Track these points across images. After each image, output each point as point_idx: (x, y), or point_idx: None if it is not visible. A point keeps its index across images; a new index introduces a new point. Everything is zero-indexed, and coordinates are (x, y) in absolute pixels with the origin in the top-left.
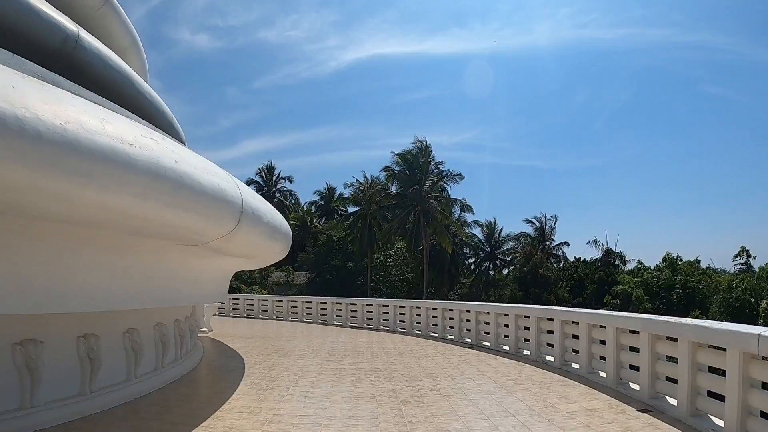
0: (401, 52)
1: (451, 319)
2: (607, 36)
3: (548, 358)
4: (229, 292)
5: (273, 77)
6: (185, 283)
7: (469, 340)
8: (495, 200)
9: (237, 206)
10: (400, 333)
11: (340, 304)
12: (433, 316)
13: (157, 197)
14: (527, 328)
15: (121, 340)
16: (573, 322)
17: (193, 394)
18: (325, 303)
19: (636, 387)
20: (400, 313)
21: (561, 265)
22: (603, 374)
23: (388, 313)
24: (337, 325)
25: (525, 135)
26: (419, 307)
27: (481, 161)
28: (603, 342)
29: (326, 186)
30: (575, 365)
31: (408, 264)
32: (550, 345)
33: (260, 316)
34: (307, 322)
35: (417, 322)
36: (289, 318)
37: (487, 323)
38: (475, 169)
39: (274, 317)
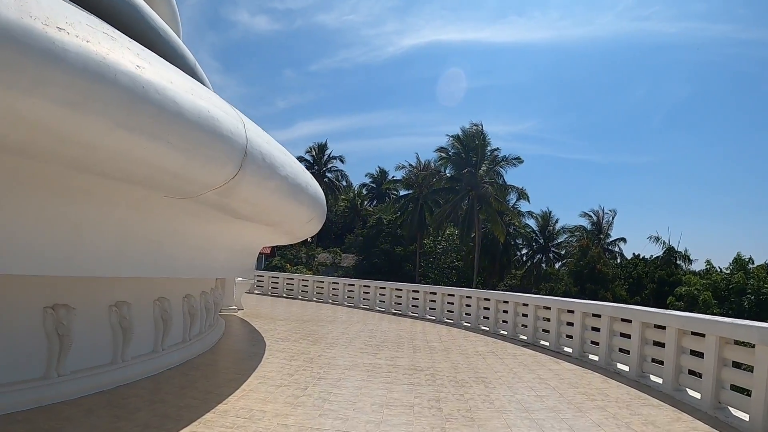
0: (459, 40)
1: (505, 312)
2: (668, 30)
3: (621, 366)
4: (272, 270)
5: (330, 61)
6: (193, 252)
7: (525, 338)
8: (548, 193)
9: (238, 146)
10: (447, 324)
11: (384, 288)
12: (485, 308)
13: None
14: (595, 329)
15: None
16: (657, 326)
17: (190, 385)
18: (368, 287)
19: (743, 416)
20: (449, 302)
21: (617, 261)
22: (694, 394)
23: (435, 301)
24: (379, 311)
25: (580, 128)
26: (470, 297)
27: (535, 153)
28: (696, 354)
29: (378, 169)
30: (656, 379)
31: (458, 251)
32: (624, 351)
33: (300, 297)
34: (348, 306)
35: (466, 314)
36: (330, 300)
37: (547, 320)
38: (529, 161)
39: (314, 299)
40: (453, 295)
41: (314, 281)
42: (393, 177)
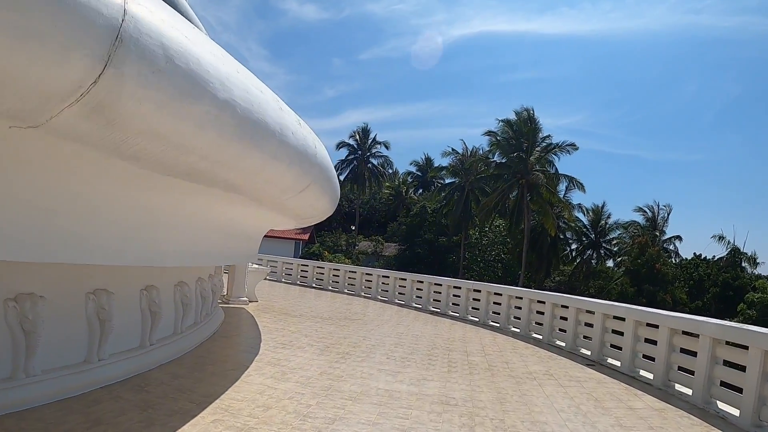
0: (509, 30)
1: (564, 319)
2: (721, 24)
3: (723, 406)
4: (309, 257)
5: (378, 50)
6: (174, 235)
7: (588, 353)
8: (596, 189)
9: (100, 23)
10: (492, 328)
11: (422, 282)
12: (539, 312)
13: None
14: (687, 352)
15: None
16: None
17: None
18: (405, 279)
19: None
20: (495, 303)
21: (672, 261)
22: None
23: (479, 300)
24: (415, 308)
25: (630, 123)
26: (520, 298)
27: (584, 147)
28: None
29: (424, 156)
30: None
31: (504, 244)
32: (734, 388)
33: (330, 288)
34: (381, 301)
35: (515, 317)
36: (362, 294)
37: (621, 333)
38: (577, 155)
39: (345, 291)
40: (500, 295)
41: (346, 271)
42: (439, 165)
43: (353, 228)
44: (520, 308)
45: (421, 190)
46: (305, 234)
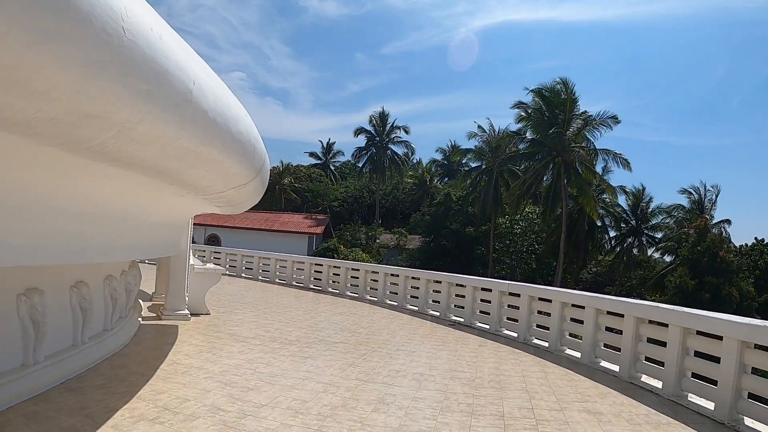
0: (531, 19)
1: (662, 345)
2: (747, 4)
3: None
4: (322, 255)
5: (401, 44)
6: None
7: (710, 406)
8: (628, 178)
9: None
10: (538, 349)
11: (440, 283)
12: (608, 329)
13: None
14: None
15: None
16: None
17: None
18: (418, 279)
19: None
20: (540, 312)
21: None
22: None
23: (518, 308)
24: (432, 318)
25: (658, 109)
26: (581, 307)
27: (611, 135)
28: None
29: (450, 143)
30: None
31: (538, 233)
32: None
33: (330, 290)
34: (389, 307)
35: (571, 335)
36: (368, 297)
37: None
38: (606, 143)
39: (347, 293)
40: (550, 301)
41: (347, 269)
42: (463, 149)
43: (379, 221)
44: (583, 322)
45: (446, 179)
46: (319, 228)
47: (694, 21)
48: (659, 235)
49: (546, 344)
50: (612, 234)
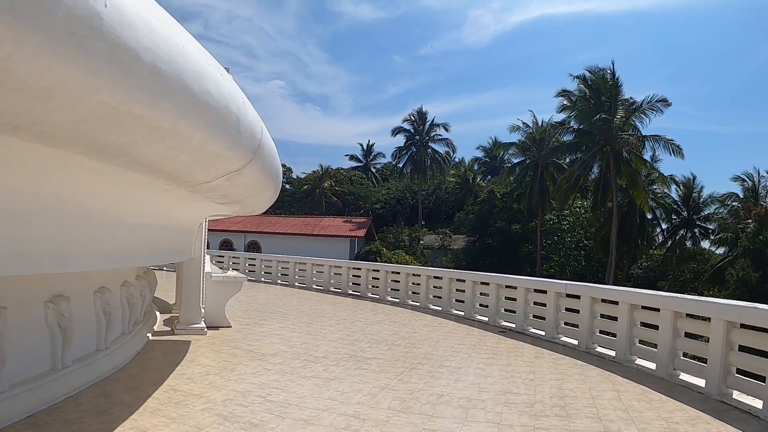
0: (567, 12)
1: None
2: None
3: None
4: (364, 258)
5: (438, 43)
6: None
7: None
8: (674, 168)
9: None
10: (603, 360)
11: (488, 285)
12: (693, 336)
13: None
14: None
15: None
16: None
17: None
18: (463, 282)
19: None
20: (604, 315)
21: None
22: None
23: (578, 311)
24: (479, 325)
25: (699, 98)
26: (656, 310)
27: (651, 127)
28: None
29: (491, 140)
30: None
31: (586, 227)
32: None
33: (369, 295)
34: (432, 313)
35: (641, 341)
36: (409, 302)
37: None
38: (650, 133)
39: (387, 298)
40: (616, 303)
41: (387, 272)
42: (506, 142)
43: (422, 222)
44: (658, 328)
45: (489, 177)
46: (361, 230)
47: (733, 7)
48: (712, 226)
49: (612, 353)
50: (663, 226)
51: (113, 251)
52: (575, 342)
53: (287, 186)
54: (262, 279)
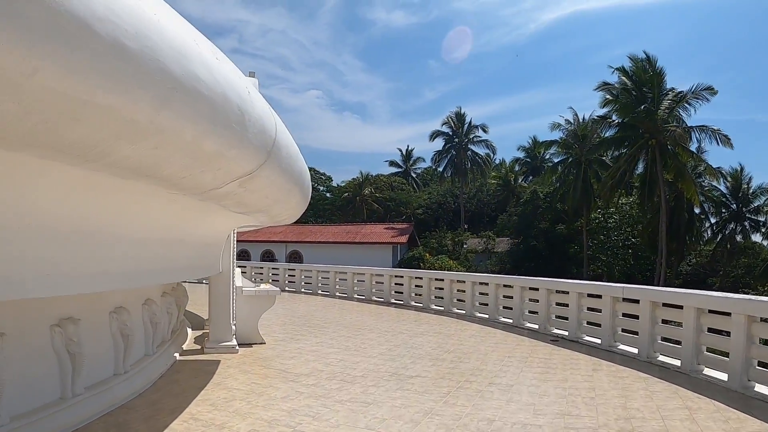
0: (601, 7)
1: None
2: None
3: None
4: (407, 264)
5: (472, 46)
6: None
7: None
8: (722, 157)
9: None
10: (668, 371)
11: (537, 290)
12: None
13: None
14: None
15: None
16: None
17: None
18: (510, 287)
19: None
20: (664, 321)
21: None
22: None
23: (638, 317)
24: (528, 333)
25: (739, 86)
26: (728, 314)
27: (693, 117)
28: None
29: (531, 140)
30: None
31: (633, 224)
32: None
33: (412, 303)
34: (479, 321)
35: (710, 350)
36: (454, 310)
37: None
38: (692, 123)
39: (431, 306)
40: (680, 308)
41: (430, 279)
42: (545, 142)
43: (465, 226)
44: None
45: (531, 177)
46: (403, 237)
47: None
48: (763, 218)
49: (677, 363)
50: (712, 221)
51: (114, 270)
52: (635, 351)
53: (327, 194)
54: (303, 290)
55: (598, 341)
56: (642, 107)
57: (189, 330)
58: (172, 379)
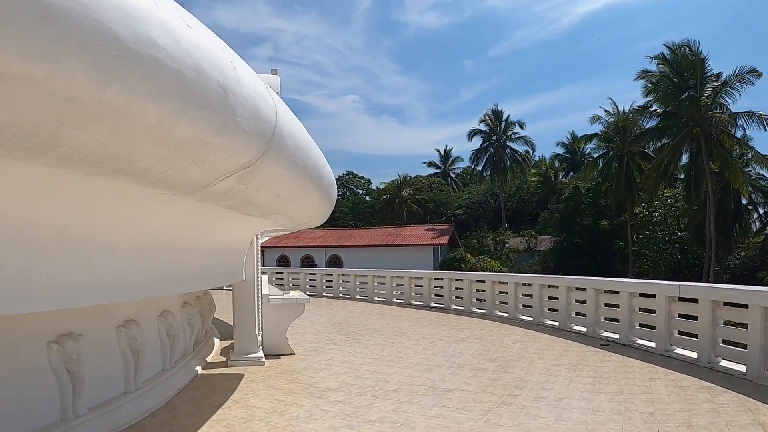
0: None
1: None
2: None
3: None
4: (448, 266)
5: (507, 44)
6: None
7: None
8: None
9: None
10: (731, 378)
11: (584, 291)
12: None
13: None
14: None
15: None
16: None
17: None
18: (556, 288)
19: None
20: (725, 323)
21: None
22: None
23: (697, 318)
24: (576, 336)
25: None
26: None
27: (734, 106)
28: None
29: (569, 135)
30: None
31: (679, 217)
32: None
33: (453, 307)
34: (523, 325)
35: None
36: (497, 313)
37: None
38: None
39: (473, 309)
40: (745, 307)
41: (471, 281)
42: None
43: (506, 225)
44: None
45: (571, 173)
46: (443, 238)
47: None
48: None
49: (743, 368)
50: (760, 211)
51: (105, 283)
52: (694, 355)
53: (366, 198)
54: (341, 295)
55: (653, 345)
56: (685, 94)
57: (216, 340)
58: (188, 396)
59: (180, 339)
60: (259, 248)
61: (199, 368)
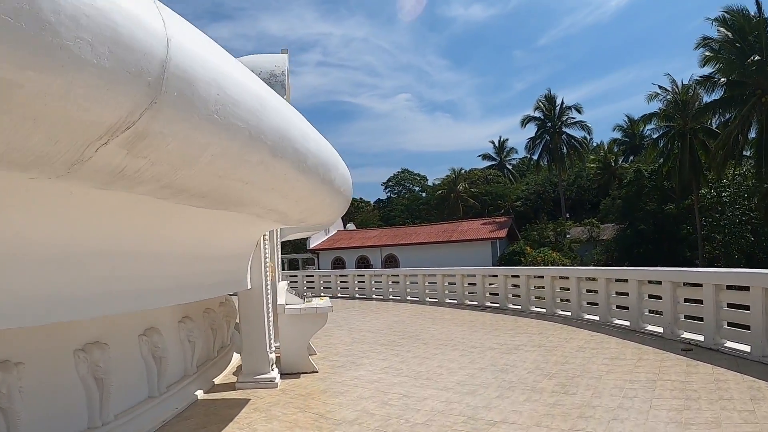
0: None
1: None
2: None
3: None
4: (507, 260)
5: (556, 31)
6: None
7: None
8: None
9: None
10: None
11: (659, 284)
12: None
13: None
14: None
15: None
16: None
17: None
18: (625, 282)
19: None
20: None
21: None
22: None
23: None
24: (650, 338)
25: None
26: None
27: None
28: None
29: (626, 119)
30: None
31: (750, 196)
32: None
33: (510, 306)
34: (587, 326)
35: None
36: (558, 312)
37: None
38: None
39: (532, 309)
40: None
41: (528, 277)
42: (643, 116)
43: (567, 215)
44: None
45: (632, 157)
46: (501, 231)
47: None
48: None
49: None
50: None
51: (43, 297)
52: None
53: (422, 194)
54: (390, 297)
55: (747, 349)
56: (752, 58)
57: (236, 356)
58: (176, 428)
59: (166, 361)
60: (279, 249)
61: (200, 392)
